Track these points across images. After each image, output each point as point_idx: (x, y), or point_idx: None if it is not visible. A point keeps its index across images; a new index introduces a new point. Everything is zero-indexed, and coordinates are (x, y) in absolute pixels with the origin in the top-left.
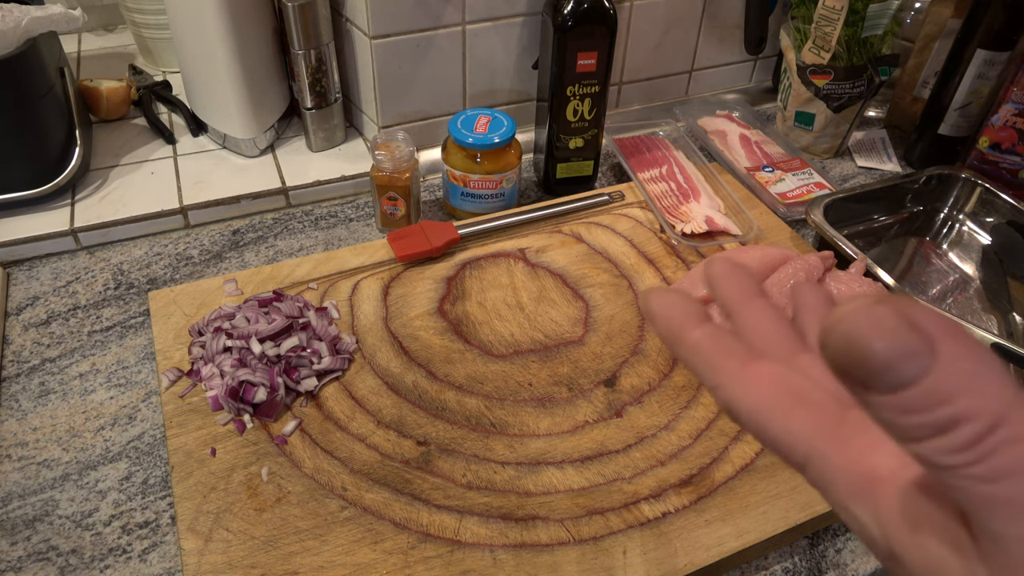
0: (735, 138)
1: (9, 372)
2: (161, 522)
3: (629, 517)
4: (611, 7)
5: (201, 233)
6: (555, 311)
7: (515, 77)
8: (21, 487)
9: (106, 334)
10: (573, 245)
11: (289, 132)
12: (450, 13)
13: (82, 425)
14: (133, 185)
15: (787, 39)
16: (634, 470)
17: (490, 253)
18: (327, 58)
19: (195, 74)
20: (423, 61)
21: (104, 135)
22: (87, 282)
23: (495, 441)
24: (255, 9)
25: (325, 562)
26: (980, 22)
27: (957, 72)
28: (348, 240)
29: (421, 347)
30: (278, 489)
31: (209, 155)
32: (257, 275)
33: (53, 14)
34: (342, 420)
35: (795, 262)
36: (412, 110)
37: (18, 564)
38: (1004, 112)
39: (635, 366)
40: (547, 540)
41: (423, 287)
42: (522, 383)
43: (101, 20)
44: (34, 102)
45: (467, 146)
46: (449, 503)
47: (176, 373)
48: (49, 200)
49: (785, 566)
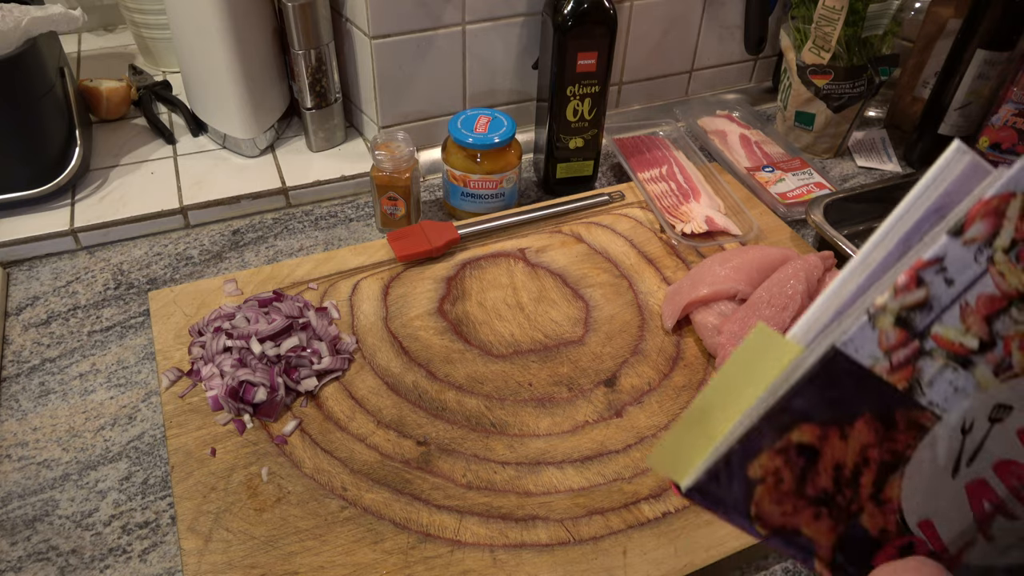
0: (735, 138)
1: (9, 372)
2: (161, 522)
3: (629, 517)
4: (611, 7)
5: (201, 233)
6: (555, 311)
7: (515, 77)
8: (21, 487)
9: (106, 334)
10: (573, 245)
11: (289, 132)
12: (450, 13)
13: (82, 425)
14: (133, 185)
15: (787, 39)
16: (634, 470)
17: (490, 253)
18: (327, 58)
19: (195, 74)
20: (423, 61)
21: (104, 135)
22: (87, 282)
23: (495, 441)
24: (255, 9)
25: (325, 562)
26: (980, 22)
27: (957, 72)
28: (348, 240)
29: (421, 347)
30: (278, 489)
31: (209, 155)
32: (257, 275)
33: (53, 14)
34: (342, 420)
35: (795, 262)
36: (412, 110)
37: (18, 564)
38: (1004, 112)
39: (635, 366)
40: (547, 540)
41: (423, 287)
42: (522, 383)
43: (101, 20)
44: (34, 102)
45: (467, 146)
46: (449, 503)
47: (176, 373)
48: (49, 200)
49: (785, 566)
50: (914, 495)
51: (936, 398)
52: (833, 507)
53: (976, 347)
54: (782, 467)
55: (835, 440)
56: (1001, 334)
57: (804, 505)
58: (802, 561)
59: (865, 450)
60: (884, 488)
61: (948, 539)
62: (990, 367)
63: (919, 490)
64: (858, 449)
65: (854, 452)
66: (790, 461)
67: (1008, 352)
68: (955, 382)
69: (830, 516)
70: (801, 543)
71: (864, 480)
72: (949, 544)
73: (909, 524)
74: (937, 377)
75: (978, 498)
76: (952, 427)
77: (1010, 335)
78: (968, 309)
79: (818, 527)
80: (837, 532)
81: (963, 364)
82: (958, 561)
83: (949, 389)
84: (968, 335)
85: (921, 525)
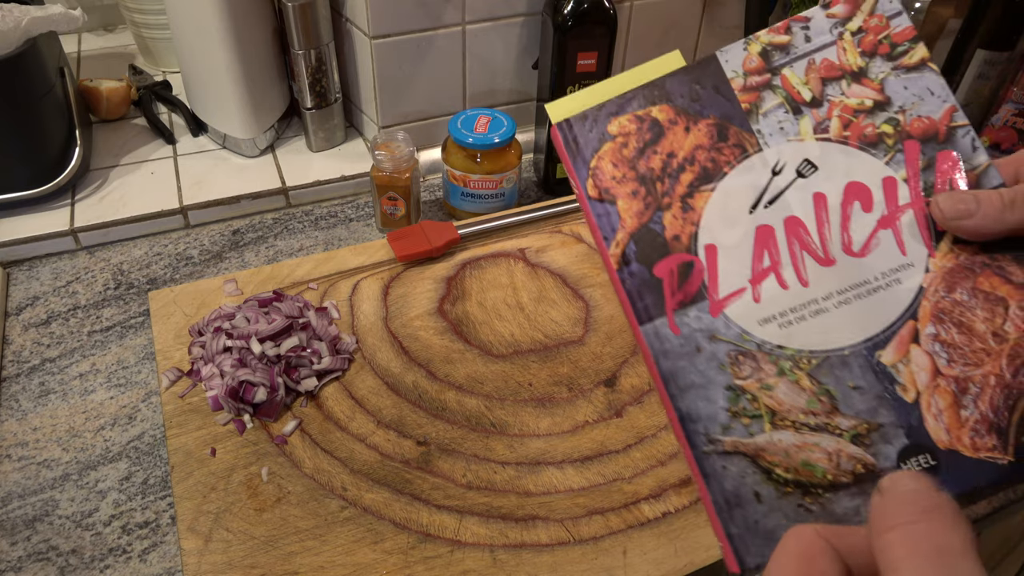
0: None
1: (9, 372)
2: (161, 522)
3: (629, 517)
4: (611, 7)
5: (201, 233)
6: (555, 311)
7: (515, 77)
8: (21, 487)
9: (106, 334)
10: (573, 245)
11: (289, 132)
12: (450, 13)
13: (82, 425)
14: (133, 185)
15: None
16: (634, 470)
17: (490, 253)
18: (327, 58)
19: (195, 74)
20: (423, 61)
21: (104, 135)
22: (87, 282)
23: (495, 441)
24: (255, 9)
25: (325, 562)
26: (980, 22)
27: (957, 72)
28: (348, 240)
29: (421, 347)
30: (278, 489)
31: (209, 155)
32: (257, 275)
33: (53, 14)
34: (342, 420)
35: None
36: (412, 110)
37: (18, 564)
38: (1004, 112)
39: (635, 366)
40: (547, 540)
41: (423, 287)
42: (522, 383)
43: (101, 20)
44: (34, 102)
45: (467, 146)
46: (449, 503)
47: (176, 373)
48: (49, 200)
49: None
50: (714, 215)
51: (765, 128)
52: (650, 191)
53: (808, 99)
54: (633, 133)
55: (680, 130)
56: (829, 98)
57: (632, 178)
58: (603, 241)
59: (696, 150)
60: (695, 195)
61: (722, 274)
62: (812, 122)
63: (719, 213)
64: (692, 146)
65: (688, 147)
66: (641, 131)
67: (829, 116)
68: (783, 122)
69: (644, 199)
70: (612, 218)
71: (684, 178)
72: (721, 282)
73: (699, 242)
74: (772, 111)
75: (761, 245)
76: (766, 162)
77: (835, 102)
78: (813, 66)
79: (630, 206)
80: (642, 220)
81: (794, 110)
82: (720, 307)
83: (776, 126)
84: (806, 87)
85: (707, 248)
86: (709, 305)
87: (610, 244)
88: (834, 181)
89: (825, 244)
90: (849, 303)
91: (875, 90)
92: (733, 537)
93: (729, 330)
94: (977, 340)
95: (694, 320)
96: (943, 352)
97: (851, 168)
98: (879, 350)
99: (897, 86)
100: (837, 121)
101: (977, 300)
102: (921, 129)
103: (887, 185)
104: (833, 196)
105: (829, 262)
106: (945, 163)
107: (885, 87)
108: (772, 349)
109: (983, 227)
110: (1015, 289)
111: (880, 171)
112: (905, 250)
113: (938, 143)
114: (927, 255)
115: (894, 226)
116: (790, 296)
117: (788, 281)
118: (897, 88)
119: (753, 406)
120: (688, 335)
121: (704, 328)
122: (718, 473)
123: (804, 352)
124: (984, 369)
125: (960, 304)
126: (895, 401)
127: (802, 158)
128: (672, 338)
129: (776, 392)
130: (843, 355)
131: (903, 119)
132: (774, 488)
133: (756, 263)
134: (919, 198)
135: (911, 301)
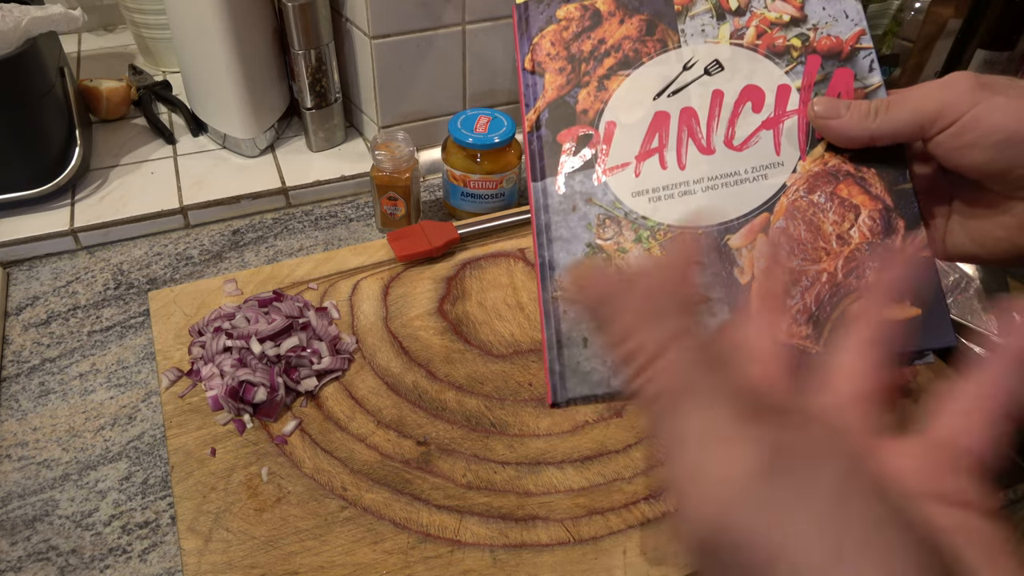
0: None
1: (9, 372)
2: (161, 522)
3: (629, 517)
4: None
5: (201, 233)
6: None
7: (515, 77)
8: (21, 487)
9: (106, 334)
10: None
11: (289, 132)
12: (450, 13)
13: (82, 425)
14: (133, 185)
15: None
16: (634, 470)
17: (490, 253)
18: (327, 58)
19: (195, 74)
20: (423, 61)
21: (104, 135)
22: (87, 282)
23: (495, 441)
24: (255, 9)
25: (325, 562)
26: (980, 22)
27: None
28: (348, 240)
29: (421, 347)
30: (278, 489)
31: (209, 155)
32: (257, 275)
33: (53, 14)
34: (342, 420)
35: None
36: (412, 110)
37: (18, 564)
38: None
39: None
40: (547, 540)
41: (423, 287)
42: (522, 383)
43: (101, 20)
44: (34, 102)
45: (467, 146)
46: (449, 503)
47: (176, 373)
48: (49, 200)
49: None
50: (622, 96)
51: (688, 29)
52: (575, 69)
53: (734, 8)
54: (576, 19)
55: (615, 21)
56: (752, 9)
57: (563, 56)
58: (524, 108)
59: (624, 40)
60: (612, 77)
61: (614, 148)
62: (731, 28)
63: (626, 96)
64: (621, 36)
65: (618, 37)
66: (583, 17)
67: (748, 24)
68: (706, 26)
69: (568, 75)
70: (537, 88)
71: (607, 62)
72: (611, 154)
73: (603, 118)
74: (700, 15)
75: (655, 128)
76: (681, 58)
77: (756, 13)
78: None
79: (555, 80)
80: (560, 93)
81: (719, 15)
82: (603, 176)
83: (699, 28)
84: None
85: (608, 124)
86: (595, 173)
87: (529, 111)
88: (734, 82)
89: (711, 135)
90: (716, 189)
91: (795, 7)
92: (554, 373)
93: (605, 197)
94: (822, 240)
95: (578, 184)
96: (787, 244)
97: (753, 72)
98: (730, 234)
99: (816, 6)
100: (753, 30)
101: (832, 204)
102: (827, 47)
103: (780, 91)
104: (730, 95)
105: (709, 151)
106: (841, 78)
107: (805, 5)
108: (636, 219)
109: (846, 129)
110: (870, 199)
111: (778, 79)
112: (780, 151)
113: (839, 60)
114: (798, 158)
115: (776, 128)
116: (666, 175)
117: (668, 162)
118: (816, 8)
119: (606, 264)
120: (569, 195)
121: (584, 191)
122: (558, 316)
123: (663, 225)
124: (820, 266)
125: (815, 205)
126: (729, 279)
127: (713, 58)
128: (555, 195)
129: (628, 256)
130: (696, 233)
131: (813, 35)
132: None
133: (646, 143)
134: (805, 108)
135: (771, 195)
